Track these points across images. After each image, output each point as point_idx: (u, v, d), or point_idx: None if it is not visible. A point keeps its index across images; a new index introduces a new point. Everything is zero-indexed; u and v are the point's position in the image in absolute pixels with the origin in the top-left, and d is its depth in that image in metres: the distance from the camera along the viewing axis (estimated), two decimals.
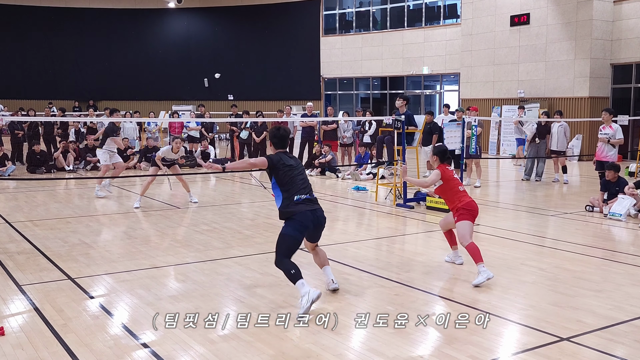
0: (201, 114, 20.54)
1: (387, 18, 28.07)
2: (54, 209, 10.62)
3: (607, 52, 20.22)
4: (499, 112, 22.12)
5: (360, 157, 15.75)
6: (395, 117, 10.96)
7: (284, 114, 18.33)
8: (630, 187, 9.96)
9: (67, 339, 4.60)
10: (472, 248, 6.21)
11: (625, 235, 8.88)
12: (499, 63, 22.48)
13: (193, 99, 31.26)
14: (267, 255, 7.16)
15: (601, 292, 5.83)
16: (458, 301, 5.55)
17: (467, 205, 6.41)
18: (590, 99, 20.03)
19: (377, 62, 28.16)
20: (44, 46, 32.30)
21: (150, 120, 19.12)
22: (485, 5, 22.70)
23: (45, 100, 28.89)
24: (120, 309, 5.36)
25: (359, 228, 9.41)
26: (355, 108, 27.24)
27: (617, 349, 4.47)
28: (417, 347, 4.52)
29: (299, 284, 5.18)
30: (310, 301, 5.10)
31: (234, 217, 9.83)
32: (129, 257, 7.17)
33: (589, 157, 17.11)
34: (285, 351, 4.40)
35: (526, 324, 4.99)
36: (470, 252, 6.19)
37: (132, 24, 32.82)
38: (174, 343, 4.54)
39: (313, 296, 5.11)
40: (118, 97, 32.16)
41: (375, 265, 6.81)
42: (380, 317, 5.07)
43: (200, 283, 6.11)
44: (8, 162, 16.06)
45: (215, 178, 15.24)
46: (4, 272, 6.45)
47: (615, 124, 11.74)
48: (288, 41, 31.03)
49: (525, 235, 8.53)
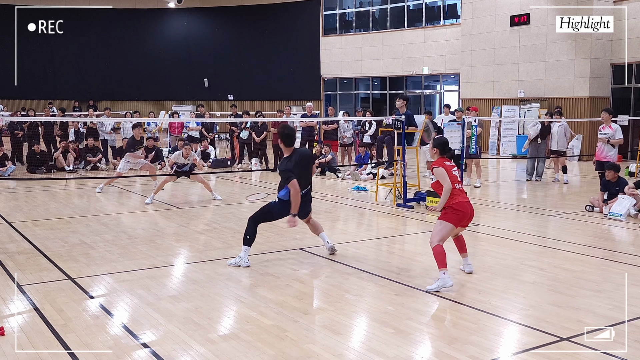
0: (201, 114, 20.55)
1: (387, 18, 28.07)
2: (54, 209, 10.62)
3: (607, 52, 20.23)
4: (499, 112, 22.13)
5: (360, 157, 15.74)
6: (396, 117, 10.96)
7: (284, 114, 18.33)
8: (630, 187, 9.96)
9: (67, 339, 4.60)
10: (437, 251, 5.82)
11: (625, 235, 8.88)
12: (499, 63, 22.48)
13: (193, 99, 31.26)
14: (267, 255, 7.17)
15: (601, 292, 5.83)
16: (458, 301, 5.54)
17: (457, 205, 5.96)
18: (590, 99, 20.03)
19: (377, 62, 28.16)
20: (44, 46, 32.29)
21: (151, 120, 19.12)
22: (485, 5, 22.70)
23: (45, 100, 28.90)
24: (120, 309, 5.36)
25: (359, 228, 9.40)
26: (355, 108, 27.23)
27: (617, 349, 4.47)
28: (417, 347, 4.52)
29: (245, 249, 6.57)
30: (237, 264, 6.55)
31: (234, 217, 9.82)
32: (129, 257, 7.17)
33: (589, 157, 17.11)
34: (285, 351, 4.40)
35: (526, 324, 4.99)
36: (435, 255, 5.83)
37: (132, 24, 32.82)
38: (174, 343, 4.54)
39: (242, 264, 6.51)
40: (118, 97, 32.18)
41: (375, 265, 6.81)
42: (380, 317, 5.07)
43: (200, 283, 6.11)
44: (8, 162, 16.06)
45: (216, 178, 15.24)
46: (4, 272, 6.45)
47: (615, 124, 11.75)
48: (288, 41, 31.02)
49: (525, 235, 8.53)
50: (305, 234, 8.29)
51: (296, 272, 6.49)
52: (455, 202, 5.96)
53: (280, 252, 7.23)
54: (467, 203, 6.06)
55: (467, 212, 6.01)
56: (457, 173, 6.21)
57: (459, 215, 5.95)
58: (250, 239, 6.58)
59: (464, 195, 6.16)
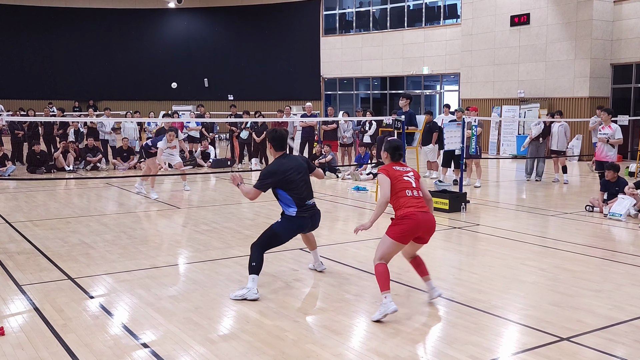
0: (201, 114, 20.54)
1: (387, 18, 28.07)
2: (54, 209, 10.62)
3: (607, 52, 20.22)
4: (499, 112, 22.12)
5: (360, 157, 15.75)
6: (396, 117, 10.95)
7: (283, 114, 18.33)
8: (630, 187, 9.96)
9: (67, 339, 4.60)
10: (376, 271, 5.03)
11: (625, 235, 8.88)
12: (499, 63, 22.48)
13: (193, 99, 31.26)
14: (267, 255, 7.14)
15: (601, 292, 5.83)
16: (458, 301, 5.54)
17: (403, 216, 5.07)
18: (590, 99, 20.03)
19: (377, 62, 28.16)
20: (44, 46, 32.29)
21: (151, 120, 19.12)
22: (485, 5, 22.71)
23: (45, 100, 28.91)
24: (120, 309, 5.36)
25: None
26: (355, 108, 27.24)
27: (617, 349, 4.47)
28: (417, 347, 4.52)
29: (252, 278, 5.59)
30: (244, 297, 5.52)
31: (234, 217, 9.83)
32: (129, 257, 7.17)
33: (589, 157, 17.11)
34: (285, 351, 4.40)
35: (526, 324, 4.99)
36: (376, 275, 5.03)
37: (132, 24, 32.82)
38: (174, 343, 4.54)
39: (250, 296, 5.51)
40: (118, 97, 32.18)
41: None
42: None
43: (200, 283, 6.11)
44: (8, 162, 16.07)
45: (215, 178, 15.24)
46: (4, 272, 6.45)
47: (615, 124, 11.75)
48: (288, 41, 31.03)
49: (525, 235, 8.53)
50: None
51: (296, 272, 6.49)
52: (403, 212, 5.08)
53: (281, 252, 7.22)
54: (418, 213, 5.07)
55: (415, 223, 5.04)
56: (412, 178, 5.28)
57: (403, 227, 5.05)
58: (256, 266, 5.63)
59: (420, 204, 5.16)
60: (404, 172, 5.31)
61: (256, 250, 5.72)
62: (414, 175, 5.33)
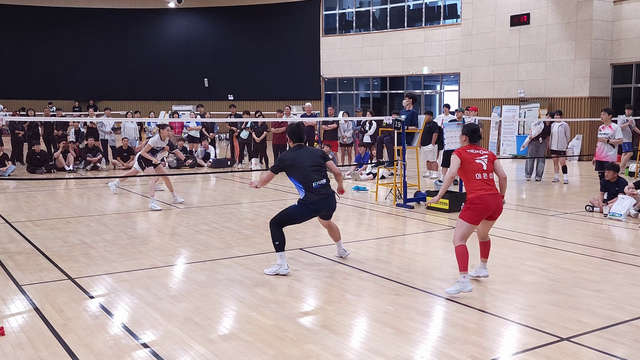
0: (201, 114, 20.53)
1: (387, 18, 28.07)
2: (54, 209, 10.62)
3: (607, 52, 20.22)
4: (499, 112, 22.12)
5: (360, 157, 15.75)
6: (396, 117, 10.96)
7: (283, 114, 18.32)
8: (630, 187, 9.96)
9: (67, 339, 4.60)
10: (457, 252, 5.60)
11: (625, 235, 8.88)
12: (499, 63, 22.48)
13: (193, 99, 31.27)
14: (267, 255, 7.16)
15: (601, 292, 5.83)
16: (458, 301, 5.54)
17: (477, 200, 5.55)
18: (590, 99, 20.03)
19: (377, 62, 28.16)
20: (44, 46, 32.30)
21: (151, 120, 19.12)
22: (485, 5, 22.70)
23: (45, 100, 28.91)
24: (120, 309, 5.36)
25: (359, 228, 9.40)
26: (355, 108, 27.24)
27: (617, 349, 4.47)
28: (417, 347, 4.52)
29: (279, 255, 6.26)
30: (277, 272, 6.22)
31: (234, 217, 9.83)
32: (129, 257, 7.17)
33: (589, 157, 17.10)
34: (285, 351, 4.40)
35: (526, 324, 4.99)
36: (457, 256, 5.62)
37: (132, 24, 32.83)
38: (174, 343, 4.54)
39: (282, 271, 6.21)
40: (118, 97, 32.18)
41: (375, 265, 6.81)
42: (380, 317, 5.07)
43: (200, 283, 6.11)
44: (8, 162, 16.06)
45: (215, 178, 15.24)
46: (4, 272, 6.45)
47: (615, 124, 11.76)
48: (288, 41, 31.02)
49: (525, 235, 8.53)
50: (305, 234, 8.30)
51: (296, 272, 6.49)
52: (474, 196, 5.57)
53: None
54: (487, 196, 5.56)
55: (486, 205, 5.55)
56: (484, 161, 5.68)
57: (478, 210, 5.55)
58: (279, 244, 6.28)
59: (489, 187, 5.62)
60: (478, 155, 5.71)
61: (274, 228, 6.35)
62: (487, 158, 5.73)
